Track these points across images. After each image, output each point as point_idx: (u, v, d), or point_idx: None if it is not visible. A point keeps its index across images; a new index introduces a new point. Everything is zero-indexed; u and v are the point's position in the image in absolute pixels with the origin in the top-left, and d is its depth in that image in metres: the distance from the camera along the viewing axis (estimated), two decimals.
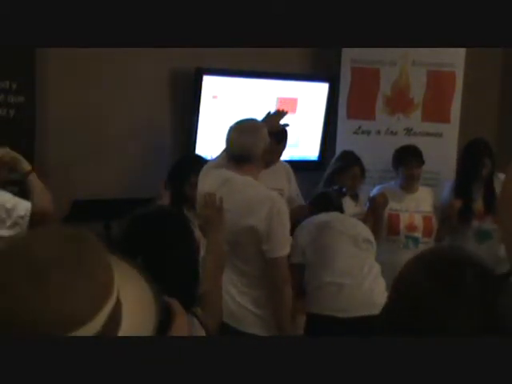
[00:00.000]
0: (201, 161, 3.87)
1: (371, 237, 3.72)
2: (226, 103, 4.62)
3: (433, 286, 1.21)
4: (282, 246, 3.00)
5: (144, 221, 1.91)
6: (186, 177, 3.75)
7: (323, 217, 3.69)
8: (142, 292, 1.32)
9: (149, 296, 1.32)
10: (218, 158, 3.41)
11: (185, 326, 1.57)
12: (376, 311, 3.42)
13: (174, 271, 1.84)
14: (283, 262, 3.01)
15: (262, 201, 3.01)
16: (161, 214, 1.99)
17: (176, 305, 1.54)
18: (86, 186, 4.37)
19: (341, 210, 3.83)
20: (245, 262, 3.04)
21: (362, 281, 3.51)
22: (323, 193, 3.99)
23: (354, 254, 3.57)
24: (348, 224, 3.70)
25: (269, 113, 3.71)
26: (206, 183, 3.11)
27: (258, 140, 3.08)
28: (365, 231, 3.72)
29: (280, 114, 3.65)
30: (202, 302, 2.01)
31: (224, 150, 3.31)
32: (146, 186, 4.24)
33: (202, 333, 1.91)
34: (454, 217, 4.31)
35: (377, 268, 3.62)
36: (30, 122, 4.12)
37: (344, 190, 4.04)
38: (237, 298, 3.07)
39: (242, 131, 3.09)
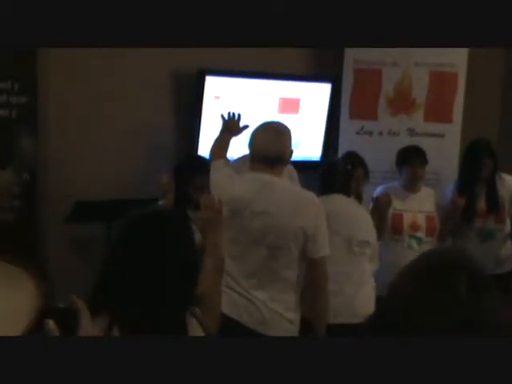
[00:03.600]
0: (205, 162, 3.87)
1: (370, 237, 3.66)
2: (229, 104, 4.62)
3: (416, 286, 1.22)
4: (325, 245, 3.01)
5: (143, 221, 1.91)
6: (189, 178, 3.74)
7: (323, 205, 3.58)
8: (12, 292, 1.31)
9: (22, 298, 1.31)
10: (237, 161, 3.39)
11: (89, 325, 1.55)
12: (356, 320, 3.41)
13: (173, 271, 1.84)
14: (326, 261, 3.02)
15: (307, 201, 3.02)
16: (160, 214, 1.98)
17: (80, 304, 1.53)
18: (87, 186, 4.37)
19: (347, 191, 3.77)
20: (286, 266, 2.99)
21: (346, 288, 3.47)
22: (330, 169, 3.84)
23: (344, 259, 3.51)
24: (345, 222, 3.58)
25: (229, 114, 3.60)
26: (236, 187, 3.02)
27: (290, 142, 3.08)
28: (363, 231, 3.63)
29: (239, 117, 3.57)
30: (200, 303, 2.01)
31: (248, 154, 3.21)
32: (148, 187, 4.25)
33: (201, 332, 1.92)
34: (457, 214, 4.31)
35: (368, 274, 3.57)
36: (32, 122, 4.12)
37: (349, 167, 3.99)
38: (269, 304, 3.00)
39: (277, 133, 3.05)
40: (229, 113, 3.55)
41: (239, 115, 3.56)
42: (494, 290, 1.19)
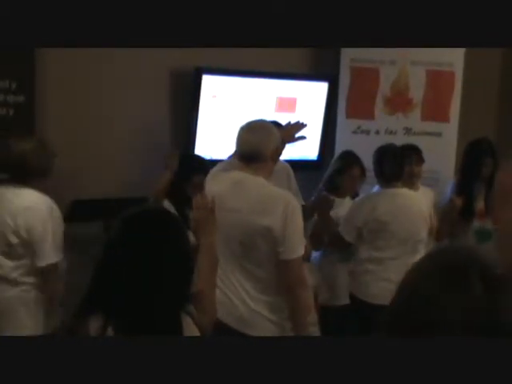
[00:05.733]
0: (202, 161, 3.89)
1: (424, 234, 3.86)
2: (226, 102, 4.63)
3: (434, 285, 1.20)
4: (296, 248, 2.90)
5: (138, 220, 1.92)
6: (187, 177, 3.76)
7: (387, 204, 3.78)
8: None
9: None
10: (227, 161, 3.39)
11: None
12: None
13: (168, 270, 1.85)
14: (298, 263, 2.92)
15: (277, 200, 2.92)
16: (154, 213, 2.00)
17: None
18: (85, 185, 4.37)
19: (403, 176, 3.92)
20: (258, 266, 2.93)
21: (390, 275, 3.65)
22: (387, 157, 3.93)
23: (396, 256, 3.74)
24: (406, 223, 3.79)
25: (289, 122, 3.66)
26: (215, 186, 3.04)
27: (268, 139, 3.02)
28: (422, 230, 3.84)
29: (299, 126, 3.60)
30: (196, 301, 2.02)
31: (234, 153, 3.26)
32: (146, 186, 4.24)
33: (196, 331, 1.93)
34: (454, 213, 4.30)
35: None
36: (30, 121, 4.12)
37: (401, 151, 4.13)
38: (249, 304, 2.94)
39: (252, 131, 3.04)
40: (289, 122, 3.63)
41: (302, 125, 3.60)
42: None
